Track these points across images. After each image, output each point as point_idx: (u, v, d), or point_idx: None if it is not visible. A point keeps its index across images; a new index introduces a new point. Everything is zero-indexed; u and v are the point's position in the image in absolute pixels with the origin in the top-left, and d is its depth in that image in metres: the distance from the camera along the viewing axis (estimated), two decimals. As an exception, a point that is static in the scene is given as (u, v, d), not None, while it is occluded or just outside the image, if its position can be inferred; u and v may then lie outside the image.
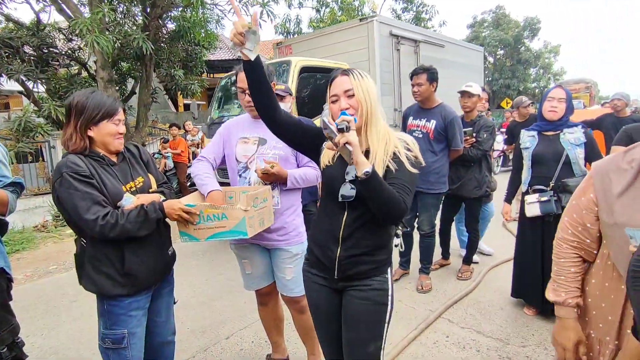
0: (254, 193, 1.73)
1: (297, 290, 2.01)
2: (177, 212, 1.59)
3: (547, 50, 28.25)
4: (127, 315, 1.55)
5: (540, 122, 2.73)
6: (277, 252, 1.98)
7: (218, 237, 1.68)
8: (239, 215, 1.64)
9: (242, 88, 1.87)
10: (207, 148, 2.03)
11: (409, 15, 15.86)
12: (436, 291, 3.27)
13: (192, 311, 3.11)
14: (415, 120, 3.18)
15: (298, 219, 2.01)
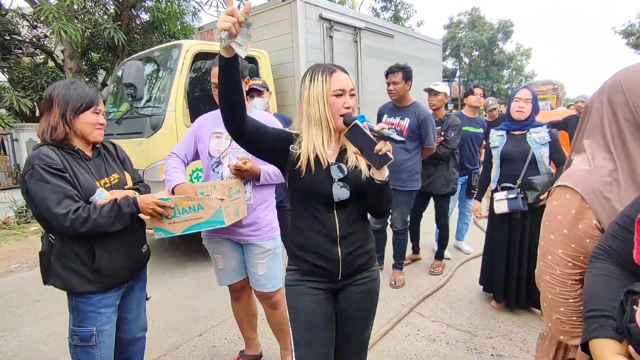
0: (228, 183, 1.73)
1: (269, 286, 2.02)
2: (150, 206, 1.58)
3: (519, 53, 29.26)
4: (96, 313, 1.51)
5: (509, 122, 2.84)
6: (250, 248, 1.98)
7: (194, 228, 1.68)
8: (215, 204, 1.64)
9: (215, 83, 1.85)
10: (178, 144, 2.00)
11: (388, 14, 16.03)
12: (409, 286, 3.35)
13: (164, 309, 3.05)
14: (389, 118, 3.24)
15: (271, 215, 2.01)
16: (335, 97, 1.27)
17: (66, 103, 1.48)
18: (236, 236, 1.95)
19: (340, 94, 1.28)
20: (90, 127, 1.53)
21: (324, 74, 1.28)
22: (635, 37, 19.23)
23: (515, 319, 2.77)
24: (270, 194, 2.03)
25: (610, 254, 0.88)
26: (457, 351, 2.42)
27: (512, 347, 2.44)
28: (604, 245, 0.89)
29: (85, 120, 1.51)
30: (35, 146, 1.48)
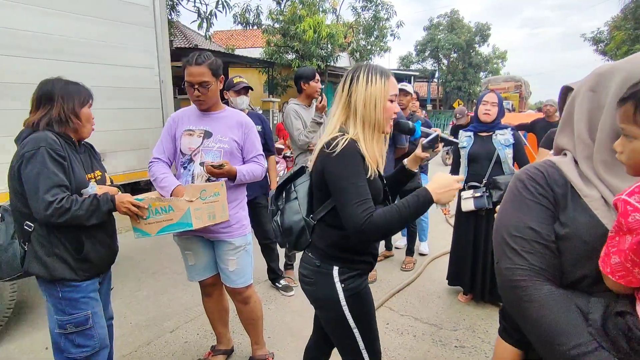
0: (201, 186, 1.74)
1: (240, 282, 2.05)
2: (125, 205, 1.61)
3: (495, 56, 30.06)
4: (88, 297, 1.57)
5: (476, 124, 2.95)
6: (220, 244, 2.00)
7: (167, 230, 1.71)
8: (184, 206, 1.67)
9: (190, 82, 1.84)
10: (157, 147, 1.99)
11: (368, 13, 16.18)
12: (380, 281, 3.43)
13: (136, 305, 3.03)
14: None
15: (242, 212, 2.04)
16: (390, 102, 1.31)
17: (71, 97, 1.53)
18: (207, 233, 1.96)
19: (393, 100, 1.32)
20: (89, 123, 1.60)
21: (382, 77, 1.30)
22: (603, 44, 20.09)
23: (480, 312, 2.90)
24: (241, 192, 2.05)
25: (539, 273, 0.81)
26: (423, 343, 2.51)
27: (474, 339, 2.56)
28: (527, 265, 0.82)
29: (87, 114, 1.58)
30: (26, 132, 1.50)
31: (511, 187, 0.91)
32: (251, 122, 2.05)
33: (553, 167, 0.88)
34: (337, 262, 1.36)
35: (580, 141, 0.85)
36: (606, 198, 0.80)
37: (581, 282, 0.82)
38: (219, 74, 1.91)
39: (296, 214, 1.43)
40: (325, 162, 1.26)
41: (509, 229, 0.86)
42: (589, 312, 0.76)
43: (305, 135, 2.94)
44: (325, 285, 1.36)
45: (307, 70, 3.08)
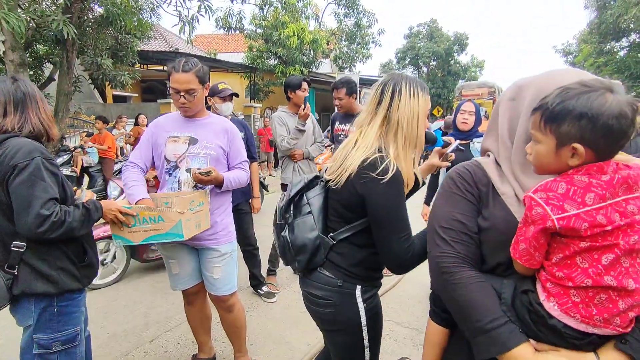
0: (190, 196, 1.74)
1: (225, 289, 2.04)
2: (113, 212, 1.59)
3: (473, 65, 30.95)
4: (80, 312, 1.54)
5: (455, 132, 3.05)
6: (206, 252, 2.00)
7: (153, 239, 1.70)
8: (176, 217, 1.66)
9: (176, 89, 1.83)
10: (134, 152, 1.98)
11: (350, 20, 16.41)
12: (363, 287, 3.47)
13: (115, 315, 2.96)
14: (341, 125, 3.36)
15: (227, 219, 2.04)
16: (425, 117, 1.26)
17: (37, 98, 1.47)
18: (192, 241, 1.94)
19: (428, 115, 1.29)
20: (53, 123, 1.55)
21: (423, 91, 1.24)
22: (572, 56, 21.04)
23: (459, 316, 2.97)
24: (227, 198, 2.06)
25: (464, 260, 0.91)
26: (404, 347, 2.56)
27: (454, 342, 2.62)
28: (454, 253, 0.91)
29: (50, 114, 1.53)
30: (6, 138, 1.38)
31: (443, 184, 1.01)
32: (236, 128, 2.06)
33: (478, 167, 0.98)
34: (360, 281, 1.29)
35: (502, 144, 0.95)
36: (518, 195, 0.90)
37: (497, 268, 0.93)
38: (206, 81, 1.92)
39: (311, 231, 1.31)
40: (371, 188, 1.16)
41: (439, 221, 0.96)
42: (502, 293, 0.88)
43: (288, 141, 3.01)
44: (347, 307, 1.28)
45: (294, 80, 3.14)
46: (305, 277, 1.37)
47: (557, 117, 0.78)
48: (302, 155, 3.21)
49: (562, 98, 0.78)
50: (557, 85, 0.84)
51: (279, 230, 1.37)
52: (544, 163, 0.83)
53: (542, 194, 0.79)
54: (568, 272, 0.78)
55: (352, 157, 1.22)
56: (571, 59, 21.12)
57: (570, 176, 0.79)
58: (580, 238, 0.76)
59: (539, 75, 0.94)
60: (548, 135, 0.80)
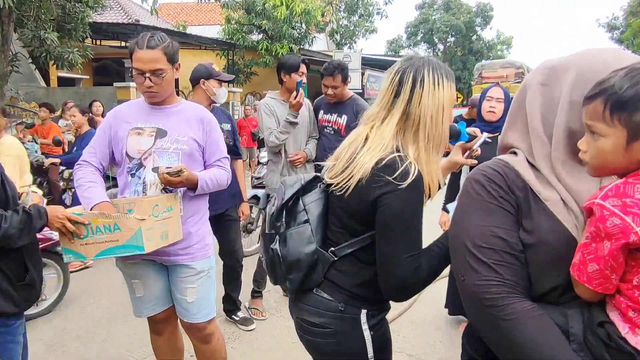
0: (154, 199, 1.74)
1: (200, 315, 2.04)
2: (61, 220, 1.59)
3: (499, 42, 31.24)
4: (16, 343, 1.52)
5: (479, 123, 3.08)
6: (177, 269, 2.00)
7: (110, 253, 1.70)
8: (134, 225, 1.66)
9: (139, 70, 1.83)
10: (88, 148, 1.98)
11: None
12: (368, 312, 3.49)
13: (62, 349, 2.95)
14: (326, 114, 3.37)
15: (204, 228, 2.05)
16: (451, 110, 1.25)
17: None
18: (161, 256, 1.95)
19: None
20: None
21: (449, 80, 1.22)
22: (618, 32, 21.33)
23: (485, 346, 3.00)
24: (203, 203, 2.06)
25: (513, 287, 0.88)
26: (419, 385, 2.58)
27: (480, 378, 2.64)
28: (501, 280, 0.88)
29: None
30: None
31: (467, 189, 0.97)
32: (214, 118, 2.07)
33: (508, 167, 0.95)
34: (366, 304, 1.29)
35: (537, 138, 0.94)
36: (565, 200, 0.89)
37: (551, 293, 0.90)
38: (176, 59, 1.92)
39: (308, 244, 1.29)
40: (386, 194, 1.16)
41: (473, 239, 0.92)
42: (570, 327, 0.85)
43: (276, 136, 3.00)
44: (350, 336, 1.28)
45: (291, 60, 3.12)
46: (297, 300, 1.37)
47: (628, 104, 0.77)
48: (305, 159, 3.19)
49: (634, 81, 0.77)
50: (603, 65, 0.84)
51: (268, 242, 1.35)
52: (609, 161, 0.82)
53: (615, 200, 0.77)
54: None
55: (363, 157, 1.21)
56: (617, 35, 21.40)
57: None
58: None
59: (573, 55, 0.94)
60: (616, 126, 0.79)
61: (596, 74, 0.84)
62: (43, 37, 7.10)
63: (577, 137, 0.88)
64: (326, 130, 3.32)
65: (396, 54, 30.05)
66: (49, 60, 7.58)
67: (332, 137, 3.27)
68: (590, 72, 0.86)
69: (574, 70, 0.90)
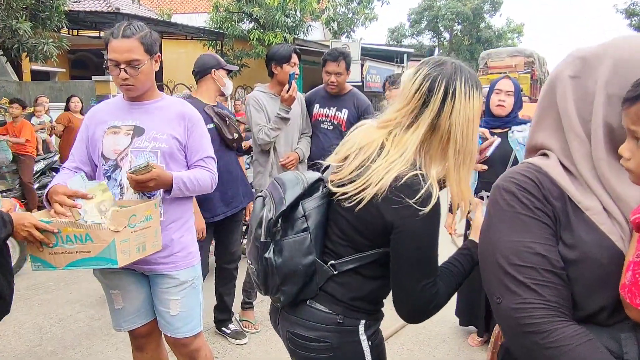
0: (131, 209, 1.72)
1: (185, 329, 2.03)
2: (27, 228, 1.58)
3: (509, 29, 31.32)
4: None
5: (488, 118, 3.08)
6: (159, 280, 1.98)
7: (81, 264, 1.68)
8: (107, 237, 1.64)
9: (114, 60, 1.83)
10: (70, 153, 2.00)
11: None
12: (369, 323, 3.48)
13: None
14: (322, 108, 3.36)
15: (187, 235, 2.04)
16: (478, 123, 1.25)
17: None
18: (141, 265, 1.93)
19: None
20: None
21: (478, 90, 1.22)
22: (638, 18, 21.40)
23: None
24: (186, 208, 2.05)
25: (557, 310, 0.85)
26: (425, 402, 2.57)
27: (490, 394, 2.64)
28: (543, 302, 0.85)
29: None
30: None
31: (496, 199, 0.94)
32: (197, 113, 2.06)
33: (541, 173, 0.92)
34: (364, 315, 1.31)
35: (574, 137, 0.90)
36: (608, 209, 0.86)
37: (599, 314, 0.87)
38: (154, 50, 1.91)
39: (307, 256, 1.27)
40: (405, 219, 1.15)
41: (507, 256, 0.89)
42: (625, 353, 0.82)
43: (266, 132, 2.97)
44: (349, 349, 1.29)
45: (281, 50, 3.10)
46: (288, 312, 1.36)
47: None
48: (297, 160, 3.17)
49: None
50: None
51: (262, 251, 1.29)
52: None
53: None
54: None
55: (380, 170, 1.18)
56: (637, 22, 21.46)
57: None
58: None
59: (606, 44, 0.90)
60: None
61: (633, 64, 0.83)
62: (15, 28, 7.07)
63: (616, 135, 0.86)
64: (323, 126, 3.30)
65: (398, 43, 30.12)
66: (22, 52, 7.56)
67: (330, 134, 3.26)
68: (628, 62, 0.84)
69: (609, 60, 0.87)
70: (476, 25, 29.49)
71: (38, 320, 3.54)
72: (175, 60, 14.63)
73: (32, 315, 3.64)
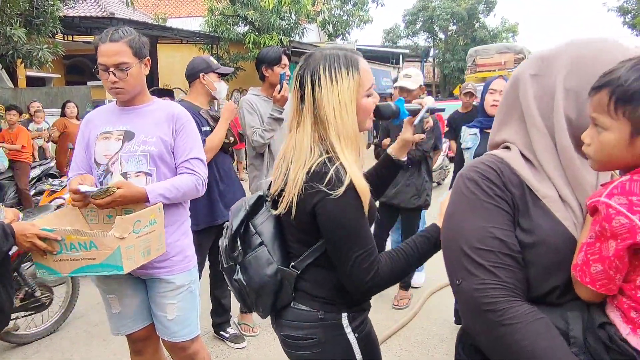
0: (135, 214, 1.73)
1: (182, 334, 2.04)
2: (30, 239, 1.59)
3: (504, 29, 31.40)
4: None
5: (482, 118, 3.10)
6: (155, 284, 1.99)
7: (86, 271, 1.70)
8: (112, 244, 1.65)
9: (103, 65, 1.85)
10: (72, 161, 2.03)
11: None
12: (367, 324, 3.48)
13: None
14: None
15: (184, 239, 2.04)
16: (367, 97, 1.31)
17: None
18: (137, 269, 1.92)
19: (370, 94, 1.32)
20: None
21: (348, 68, 1.27)
22: (631, 16, 21.50)
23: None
24: (181, 213, 2.06)
25: (513, 290, 0.90)
26: (423, 402, 2.58)
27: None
28: (500, 283, 0.90)
29: None
30: None
31: (459, 188, 1.00)
32: (187, 115, 2.06)
33: (503, 163, 0.98)
34: (344, 307, 1.35)
35: (536, 131, 0.97)
36: (564, 197, 0.92)
37: (550, 294, 0.93)
38: (144, 54, 1.93)
39: (268, 266, 1.34)
40: (319, 203, 1.22)
41: (468, 240, 0.94)
42: (570, 330, 0.88)
43: (260, 134, 2.97)
44: (336, 342, 1.34)
45: (271, 53, 3.11)
46: (278, 317, 1.42)
47: (634, 97, 0.80)
48: None
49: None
50: (597, 54, 0.88)
51: (230, 275, 1.41)
52: (612, 156, 0.85)
53: (621, 198, 0.80)
54: None
55: (294, 171, 1.27)
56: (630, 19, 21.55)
57: None
58: None
59: (565, 44, 0.98)
60: (620, 119, 0.82)
61: (588, 61, 0.90)
62: (9, 34, 7.06)
63: (574, 127, 0.93)
64: None
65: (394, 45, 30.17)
66: (17, 58, 7.55)
67: None
68: (583, 59, 0.92)
69: (566, 58, 0.95)
70: (471, 26, 29.52)
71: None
72: (171, 65, 14.64)
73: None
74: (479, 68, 14.00)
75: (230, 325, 3.27)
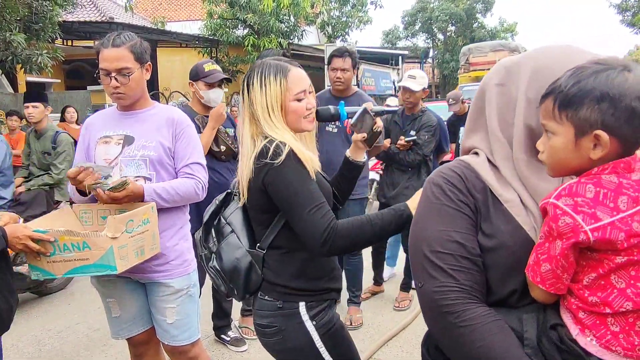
0: (128, 214, 1.73)
1: (182, 337, 2.04)
2: (22, 241, 1.59)
3: (502, 29, 31.41)
4: None
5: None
6: (154, 288, 1.99)
7: (80, 272, 1.70)
8: (105, 244, 1.65)
9: (105, 69, 1.86)
10: (72, 165, 2.01)
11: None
12: (368, 326, 3.49)
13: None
14: None
15: (183, 243, 2.05)
16: (297, 101, 1.46)
17: None
18: (137, 273, 1.94)
19: (301, 98, 1.47)
20: None
21: (277, 76, 1.45)
22: (630, 14, 21.49)
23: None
24: (179, 216, 2.06)
25: (470, 293, 0.92)
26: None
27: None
28: (458, 286, 0.92)
29: None
30: None
31: (426, 193, 1.03)
32: (187, 120, 2.07)
33: (468, 169, 1.01)
34: (302, 297, 1.47)
35: (496, 140, 1.00)
36: (525, 202, 0.94)
37: (510, 297, 0.95)
38: (145, 59, 1.93)
39: (238, 249, 1.51)
40: (268, 175, 1.38)
41: (430, 244, 0.97)
42: (524, 332, 0.90)
43: None
44: (294, 330, 1.46)
45: (270, 55, 3.11)
46: (253, 307, 1.56)
47: (573, 101, 0.83)
48: None
49: (578, 78, 0.84)
50: (556, 62, 0.92)
51: (207, 262, 1.58)
52: (562, 159, 0.88)
53: (567, 199, 0.83)
54: (603, 295, 0.83)
55: (242, 164, 1.46)
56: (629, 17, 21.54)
57: (596, 176, 0.84)
58: (615, 252, 0.81)
59: (527, 53, 1.02)
60: (564, 123, 0.85)
61: (548, 70, 0.93)
62: (9, 40, 7.07)
63: (536, 136, 0.94)
64: (327, 129, 3.26)
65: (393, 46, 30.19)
66: (16, 64, 7.55)
67: (335, 137, 3.25)
68: (543, 69, 0.94)
69: (528, 68, 0.97)
70: (469, 26, 29.55)
71: (36, 333, 3.53)
72: (170, 69, 14.68)
73: (30, 327, 3.63)
74: (473, 67, 13.83)
75: (231, 329, 3.26)
